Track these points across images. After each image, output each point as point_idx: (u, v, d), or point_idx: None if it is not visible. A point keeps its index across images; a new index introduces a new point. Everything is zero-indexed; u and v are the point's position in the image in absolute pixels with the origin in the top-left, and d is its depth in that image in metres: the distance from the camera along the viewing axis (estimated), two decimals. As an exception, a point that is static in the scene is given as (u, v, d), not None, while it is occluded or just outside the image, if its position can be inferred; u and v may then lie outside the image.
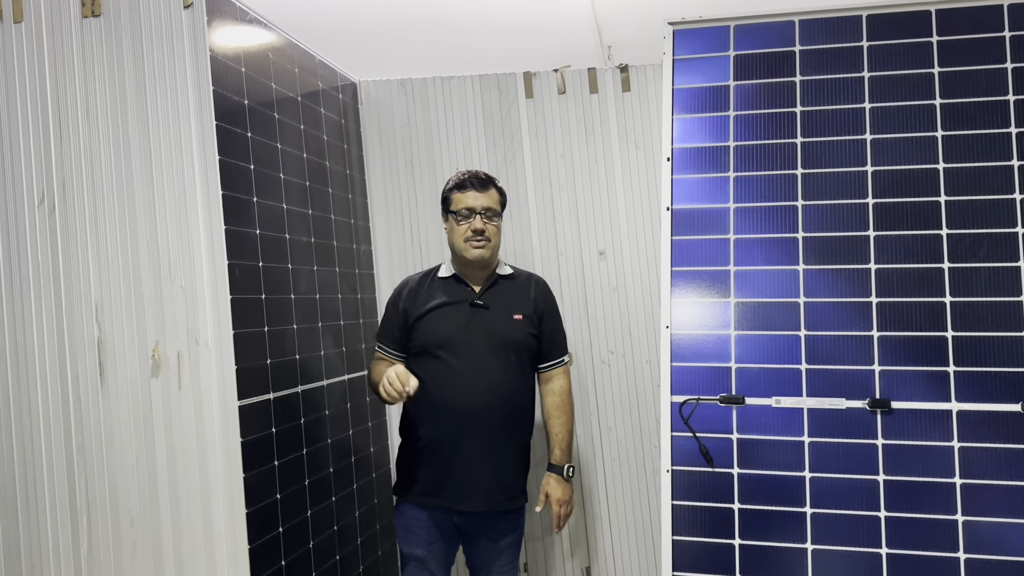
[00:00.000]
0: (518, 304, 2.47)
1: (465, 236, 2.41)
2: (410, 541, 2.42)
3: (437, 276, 2.52)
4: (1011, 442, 2.09)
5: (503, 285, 2.50)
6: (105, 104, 2.22)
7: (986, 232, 2.19)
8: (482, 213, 2.41)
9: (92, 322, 2.23)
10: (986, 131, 2.23)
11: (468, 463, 2.35)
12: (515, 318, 2.44)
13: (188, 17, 2.17)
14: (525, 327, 2.45)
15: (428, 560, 2.41)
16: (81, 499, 2.25)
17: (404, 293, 2.51)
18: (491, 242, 2.43)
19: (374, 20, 2.60)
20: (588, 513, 3.06)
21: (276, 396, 2.33)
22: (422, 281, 2.53)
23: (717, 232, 2.36)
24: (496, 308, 2.44)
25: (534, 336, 2.48)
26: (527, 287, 2.53)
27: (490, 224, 2.43)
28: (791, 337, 2.25)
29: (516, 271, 2.58)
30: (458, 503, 2.36)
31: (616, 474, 3.03)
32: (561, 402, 2.52)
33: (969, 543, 2.08)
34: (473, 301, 2.43)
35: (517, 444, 2.45)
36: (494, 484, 2.37)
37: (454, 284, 2.48)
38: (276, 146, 2.47)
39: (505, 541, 2.44)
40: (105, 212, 2.22)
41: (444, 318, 2.42)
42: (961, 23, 2.30)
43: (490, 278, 2.48)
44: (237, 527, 2.14)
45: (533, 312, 2.48)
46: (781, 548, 2.19)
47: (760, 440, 2.24)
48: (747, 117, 2.39)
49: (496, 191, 2.49)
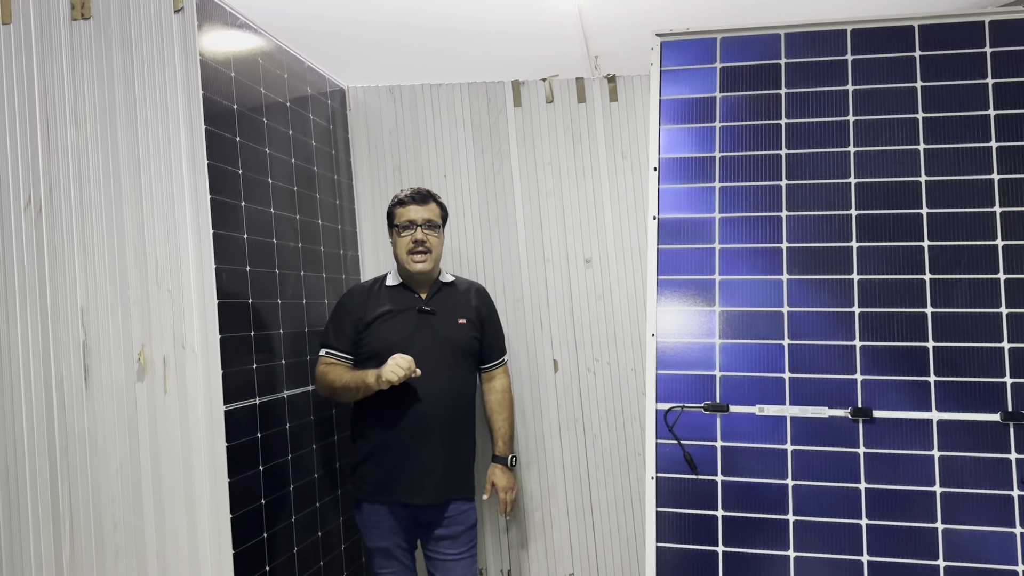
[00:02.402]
0: (461, 309, 2.65)
1: (408, 248, 2.57)
2: (373, 535, 2.56)
3: (385, 284, 2.67)
4: (990, 451, 2.13)
5: (447, 292, 2.68)
6: (94, 107, 2.21)
7: (967, 244, 2.22)
8: (422, 225, 2.58)
9: (77, 326, 2.22)
10: (967, 145, 2.27)
11: (421, 460, 2.49)
12: (460, 322, 2.62)
13: (178, 21, 2.17)
14: (469, 331, 2.63)
15: (392, 549, 2.55)
16: (64, 504, 2.23)
17: (354, 298, 2.63)
18: (431, 253, 2.59)
19: (364, 27, 2.61)
20: (573, 520, 3.07)
21: (262, 401, 2.33)
22: (370, 289, 2.67)
23: (703, 242, 2.38)
24: (442, 313, 2.61)
25: (477, 339, 2.66)
26: (468, 295, 2.71)
27: (431, 236, 2.59)
28: (775, 346, 2.28)
29: (457, 279, 2.77)
30: (412, 497, 2.49)
31: (600, 481, 3.04)
32: (503, 399, 2.76)
33: (949, 551, 2.11)
34: (421, 308, 2.58)
35: (465, 439, 2.62)
36: (444, 478, 2.51)
37: (401, 291, 2.63)
38: (264, 151, 2.47)
39: (458, 529, 2.54)
40: (92, 215, 2.21)
41: (394, 323, 2.56)
42: (943, 38, 2.34)
43: (434, 285, 2.66)
44: (221, 532, 2.13)
45: (476, 317, 2.67)
46: (764, 555, 2.21)
47: (744, 448, 2.26)
48: (733, 128, 2.42)
49: (436, 205, 2.66)
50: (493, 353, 2.75)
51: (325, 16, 2.53)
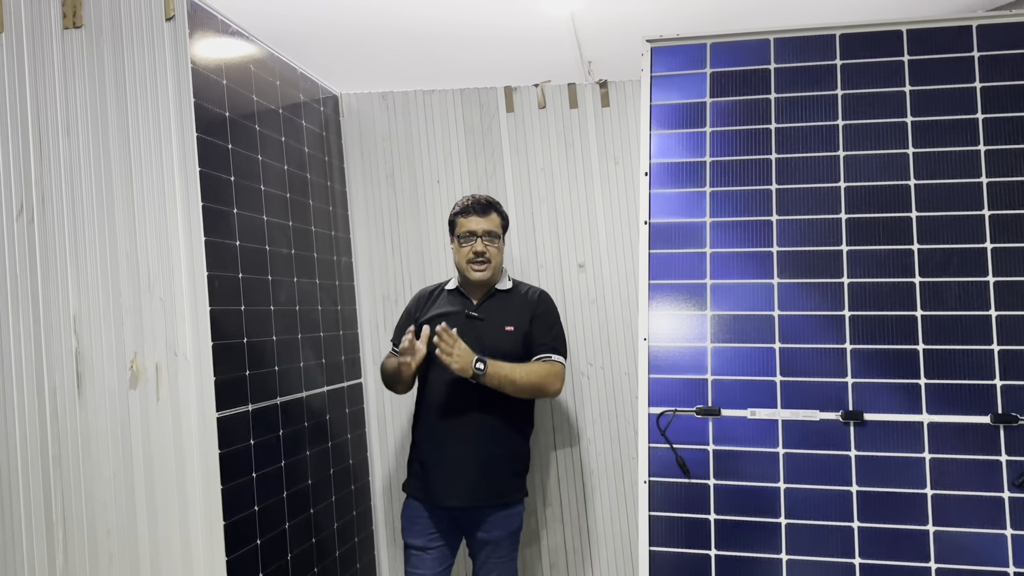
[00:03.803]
0: (512, 316, 2.59)
1: (467, 258, 2.59)
2: (412, 532, 2.58)
3: (445, 288, 2.73)
4: (981, 453, 2.13)
5: (499, 298, 2.64)
6: (86, 115, 2.22)
7: (956, 247, 2.23)
8: (483, 236, 2.59)
9: (70, 333, 2.22)
10: (956, 148, 2.28)
11: (453, 463, 2.49)
12: (507, 329, 2.56)
13: (170, 29, 2.18)
14: (516, 338, 2.56)
15: (427, 550, 2.55)
16: (57, 511, 2.23)
17: (416, 300, 2.76)
18: (491, 263, 2.60)
19: (357, 34, 2.62)
20: (568, 524, 3.07)
21: (255, 408, 2.33)
22: (433, 292, 2.76)
23: (694, 246, 2.39)
24: (490, 320, 2.58)
25: (525, 345, 2.57)
26: (524, 301, 2.65)
27: (491, 247, 2.60)
28: (766, 350, 2.29)
29: (517, 285, 2.71)
30: (444, 499, 2.49)
31: (595, 486, 3.05)
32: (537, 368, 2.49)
33: (940, 553, 2.11)
34: (468, 313, 2.58)
35: (507, 446, 2.54)
36: (479, 482, 2.47)
37: (456, 296, 2.67)
38: (257, 158, 2.48)
39: (497, 535, 2.52)
40: (85, 223, 2.21)
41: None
42: (931, 43, 2.35)
43: (488, 292, 2.64)
44: (215, 539, 2.14)
45: (527, 322, 2.59)
46: (756, 559, 2.21)
47: (736, 451, 2.27)
48: (723, 133, 2.43)
49: (497, 215, 2.66)
50: (536, 347, 2.54)
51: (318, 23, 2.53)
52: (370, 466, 3.16)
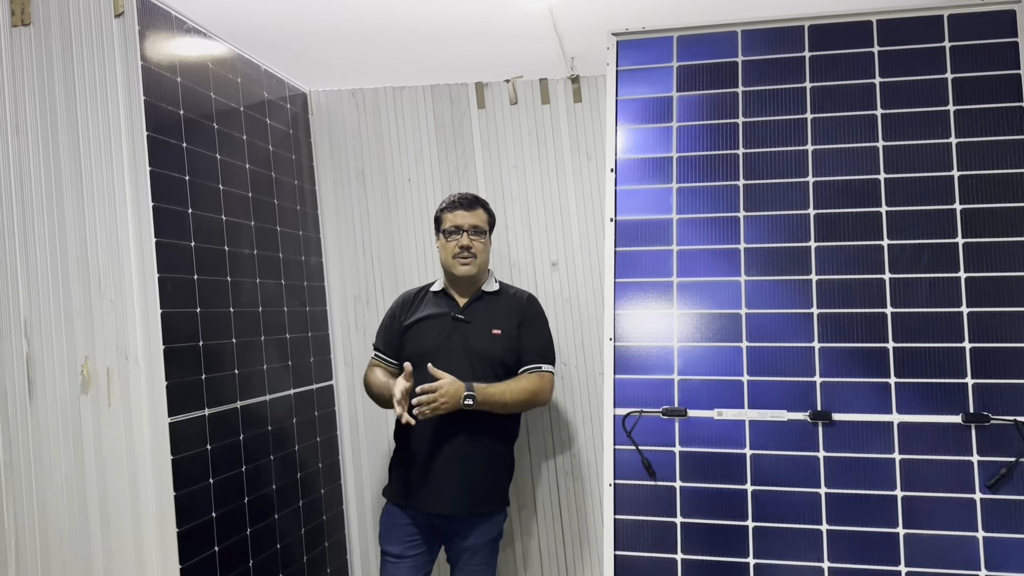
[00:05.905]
0: (499, 319, 2.52)
1: (453, 252, 2.52)
2: (389, 539, 2.51)
3: (430, 290, 2.64)
4: (952, 454, 2.08)
5: (487, 300, 2.57)
6: (35, 114, 2.17)
7: (927, 243, 2.18)
8: (469, 231, 2.52)
9: (21, 337, 2.18)
10: (926, 141, 2.22)
11: (438, 469, 2.42)
12: (494, 333, 2.49)
13: (119, 26, 2.13)
14: (504, 342, 2.49)
15: (404, 558, 2.48)
16: (9, 519, 2.19)
17: (401, 302, 2.66)
18: (477, 258, 2.53)
19: (325, 29, 2.56)
20: (541, 526, 3.02)
21: (212, 412, 2.29)
22: (418, 293, 2.67)
23: (660, 243, 2.34)
24: (476, 322, 2.51)
25: (511, 351, 2.50)
26: (512, 304, 2.58)
27: (477, 242, 2.53)
28: (733, 348, 2.24)
29: (504, 287, 2.64)
30: (427, 505, 2.44)
31: (570, 488, 3.00)
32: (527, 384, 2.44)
33: (910, 556, 2.06)
34: (455, 315, 2.51)
35: (492, 453, 2.48)
36: (462, 490, 2.41)
37: (442, 298, 2.59)
38: (215, 157, 2.43)
39: (477, 543, 2.46)
40: (34, 225, 2.17)
41: (428, 330, 2.52)
42: (902, 33, 2.29)
43: (475, 293, 2.57)
44: (168, 546, 2.09)
45: (514, 326, 2.52)
46: (724, 563, 2.16)
47: (702, 453, 2.22)
48: (690, 128, 2.38)
49: (484, 211, 2.60)
50: (526, 356, 2.49)
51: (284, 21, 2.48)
52: (342, 469, 3.11)
